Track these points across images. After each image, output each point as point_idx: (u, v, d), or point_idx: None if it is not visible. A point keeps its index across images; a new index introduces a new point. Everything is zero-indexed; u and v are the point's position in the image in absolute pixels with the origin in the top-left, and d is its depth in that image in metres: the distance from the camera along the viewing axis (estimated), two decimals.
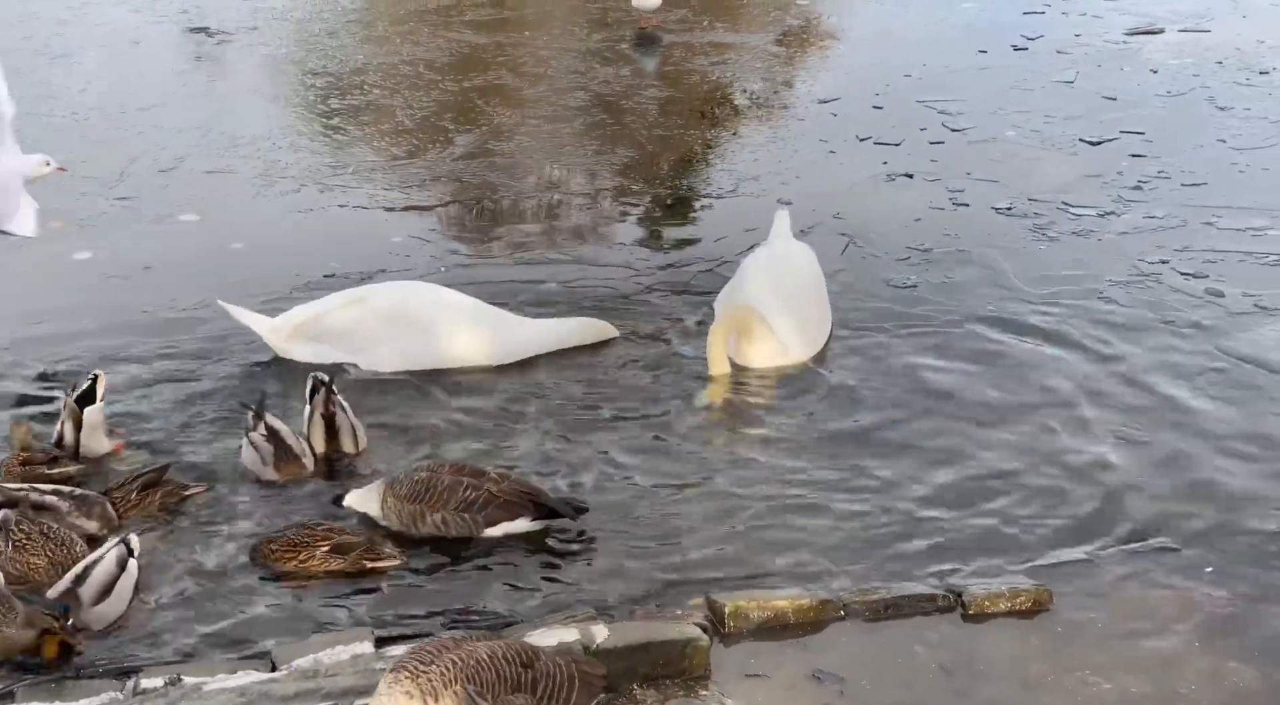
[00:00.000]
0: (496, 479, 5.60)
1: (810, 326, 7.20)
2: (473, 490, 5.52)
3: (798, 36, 13.76)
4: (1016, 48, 13.16)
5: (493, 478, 5.60)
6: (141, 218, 8.75)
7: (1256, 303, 7.78)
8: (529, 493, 5.60)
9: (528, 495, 5.58)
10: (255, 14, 13.68)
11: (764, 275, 7.25)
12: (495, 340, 6.99)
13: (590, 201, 9.43)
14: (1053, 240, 8.69)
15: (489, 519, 5.52)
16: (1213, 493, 5.99)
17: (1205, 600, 5.25)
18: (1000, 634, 5.06)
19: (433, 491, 5.53)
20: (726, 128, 10.92)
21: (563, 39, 13.27)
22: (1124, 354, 7.19)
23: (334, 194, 9.25)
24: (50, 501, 5.51)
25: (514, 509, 5.54)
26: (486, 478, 5.60)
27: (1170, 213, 9.12)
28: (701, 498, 5.94)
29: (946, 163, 10.02)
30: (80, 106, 10.79)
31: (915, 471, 6.13)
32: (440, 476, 5.57)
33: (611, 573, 5.41)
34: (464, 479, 5.56)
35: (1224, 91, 11.77)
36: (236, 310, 6.95)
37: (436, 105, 11.13)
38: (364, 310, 6.95)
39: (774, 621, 5.04)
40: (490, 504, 5.51)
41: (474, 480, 5.57)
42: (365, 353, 6.93)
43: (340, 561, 5.30)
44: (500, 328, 7.04)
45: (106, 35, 12.86)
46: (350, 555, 5.31)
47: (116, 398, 6.46)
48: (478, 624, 5.00)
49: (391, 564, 5.37)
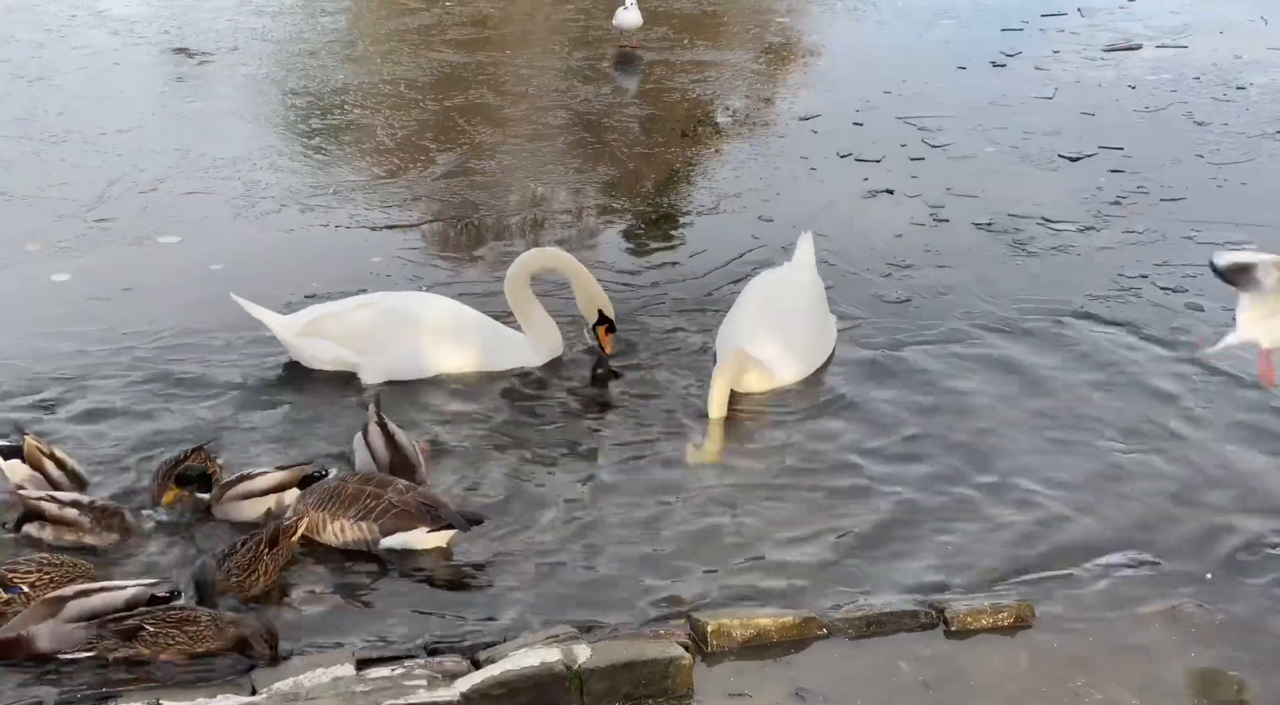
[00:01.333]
0: (401, 490, 5.59)
1: (800, 350, 7.17)
2: (373, 499, 5.53)
3: (778, 54, 13.81)
4: (995, 64, 13.24)
5: (398, 488, 5.60)
6: (121, 240, 8.71)
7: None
8: (427, 504, 5.59)
9: (426, 507, 5.57)
10: (236, 34, 13.68)
11: (754, 308, 7.28)
12: (498, 352, 7.16)
13: (573, 220, 9.43)
14: (1033, 256, 8.72)
15: (385, 528, 5.51)
16: (1194, 506, 6.00)
17: (1189, 614, 5.26)
18: (984, 650, 5.05)
19: (336, 500, 5.54)
20: (708, 145, 10.95)
21: (544, 57, 13.30)
22: (1104, 368, 7.22)
23: (315, 214, 9.23)
24: (70, 515, 5.49)
25: (410, 519, 5.52)
26: (391, 488, 5.59)
27: (1150, 227, 9.16)
28: (685, 517, 5.92)
29: (927, 179, 10.06)
30: (59, 129, 10.75)
31: (897, 488, 6.13)
32: (347, 485, 5.61)
33: (594, 591, 5.39)
34: (367, 488, 5.57)
35: (1202, 107, 11.84)
36: (251, 306, 7.06)
37: (417, 124, 11.13)
38: (373, 313, 7.07)
39: (757, 640, 5.03)
40: (386, 513, 5.51)
41: (377, 490, 5.57)
42: (370, 356, 7.02)
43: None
44: (502, 341, 7.20)
45: (85, 57, 12.83)
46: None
47: (92, 421, 6.45)
48: (459, 645, 4.98)
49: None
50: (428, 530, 5.54)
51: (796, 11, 15.60)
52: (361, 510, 5.52)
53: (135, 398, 6.75)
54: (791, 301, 7.34)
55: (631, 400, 6.96)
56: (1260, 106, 11.85)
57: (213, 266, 8.28)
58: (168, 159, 10.14)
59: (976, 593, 5.33)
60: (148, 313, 7.61)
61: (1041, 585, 5.40)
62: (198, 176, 9.84)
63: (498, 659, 4.82)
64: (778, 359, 7.03)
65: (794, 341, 7.15)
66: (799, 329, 7.24)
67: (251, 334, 7.31)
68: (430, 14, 14.89)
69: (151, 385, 6.86)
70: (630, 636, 5.01)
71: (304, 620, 5.19)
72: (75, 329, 7.38)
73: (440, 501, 5.67)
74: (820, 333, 7.40)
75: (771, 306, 7.26)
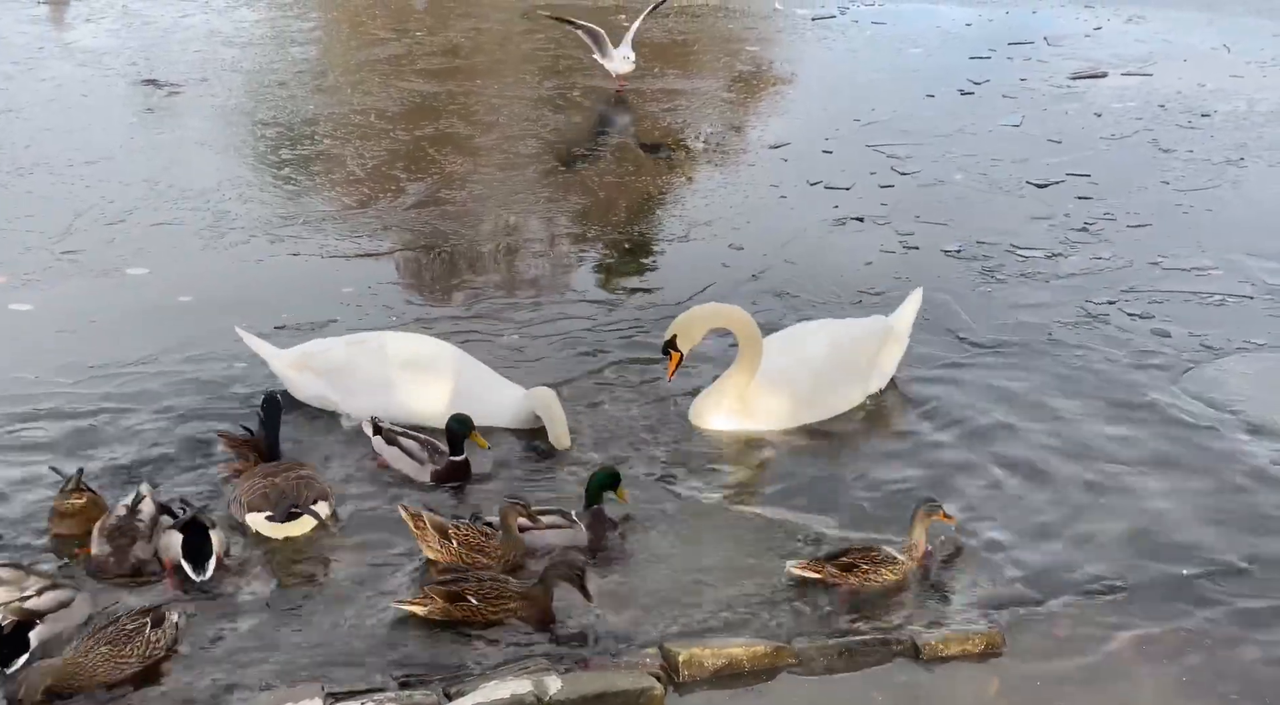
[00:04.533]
0: (278, 481, 5.88)
1: (794, 402, 6.93)
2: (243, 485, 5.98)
3: (748, 83, 13.89)
4: (964, 92, 13.35)
5: (274, 479, 5.90)
6: (88, 271, 8.65)
7: (1203, 342, 7.86)
8: (273, 495, 5.85)
9: (268, 497, 5.85)
10: (205, 66, 13.67)
11: (777, 343, 7.08)
12: (474, 408, 6.65)
13: (544, 249, 9.42)
14: (1001, 282, 8.76)
15: (245, 507, 5.88)
16: (1162, 535, 5.99)
17: (1156, 642, 5.25)
18: (955, 677, 5.04)
19: (237, 486, 6.02)
20: (678, 173, 10.98)
21: (514, 87, 13.33)
22: (1072, 396, 7.22)
23: (284, 244, 9.19)
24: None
25: (257, 506, 5.84)
26: (280, 474, 5.94)
27: (1116, 254, 9.23)
28: (658, 548, 5.87)
29: (896, 206, 10.11)
30: (26, 161, 10.71)
31: (864, 522, 6.08)
32: (253, 473, 6.05)
33: (564, 621, 5.35)
34: (256, 478, 5.94)
35: (1167, 134, 11.97)
36: (250, 338, 7.08)
37: (388, 154, 11.12)
38: (360, 352, 6.95)
39: (728, 669, 5.00)
40: (244, 496, 5.91)
41: (263, 480, 5.92)
42: (349, 396, 6.89)
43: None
44: (483, 398, 6.81)
45: (53, 89, 12.80)
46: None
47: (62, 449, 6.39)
48: (429, 677, 4.93)
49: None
50: (266, 519, 5.81)
51: (766, 40, 15.72)
52: (233, 498, 5.98)
53: (80, 429, 6.64)
54: (816, 353, 7.07)
55: (614, 432, 6.82)
56: (1224, 134, 11.99)
57: (181, 298, 8.22)
58: (136, 190, 10.10)
59: (946, 623, 5.31)
60: (114, 344, 7.53)
61: (1011, 613, 5.39)
62: (166, 207, 9.80)
63: (469, 692, 4.78)
64: (762, 405, 6.84)
65: (795, 393, 6.91)
66: (802, 380, 6.98)
67: (220, 368, 7.28)
68: (400, 44, 14.93)
69: (105, 416, 6.77)
70: (601, 667, 4.98)
71: (272, 655, 5.12)
72: (37, 361, 7.31)
73: (288, 495, 5.84)
74: (830, 390, 7.05)
75: (792, 352, 7.04)
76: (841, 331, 7.26)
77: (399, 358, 6.94)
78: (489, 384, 6.93)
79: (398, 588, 5.53)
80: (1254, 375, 7.45)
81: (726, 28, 16.20)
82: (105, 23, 15.65)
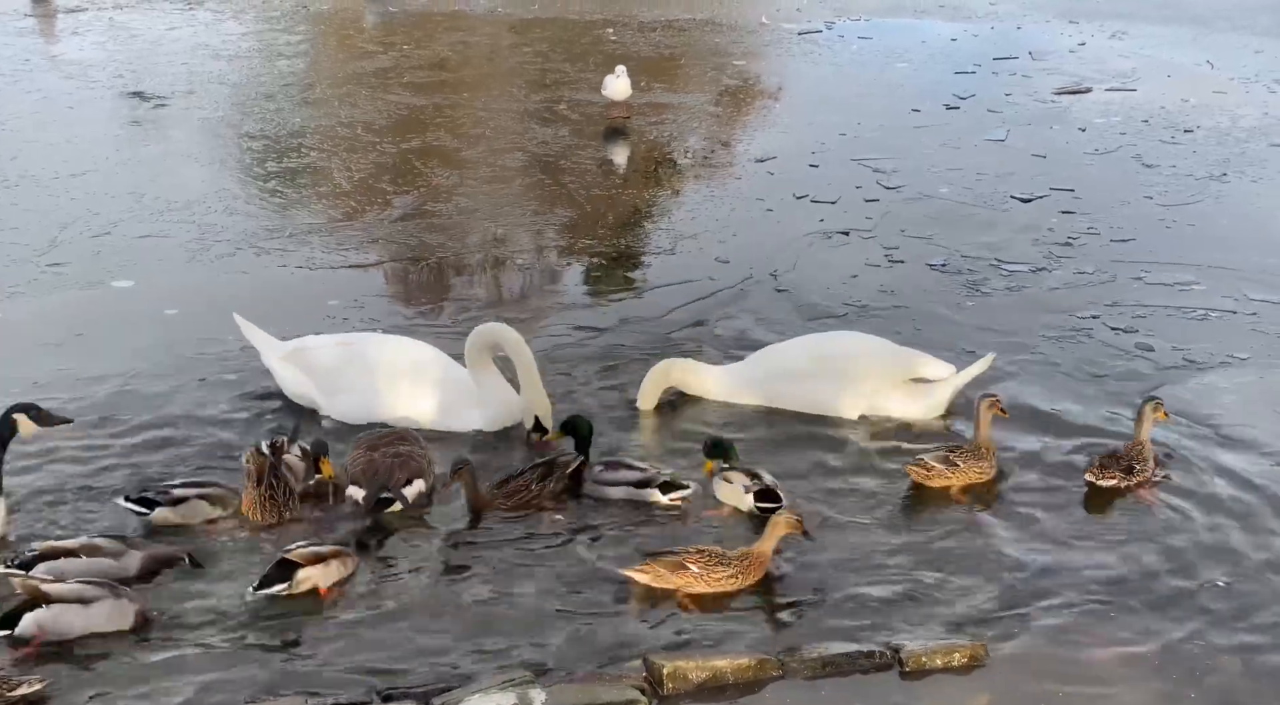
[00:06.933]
0: (376, 457, 6.19)
1: (768, 378, 7.24)
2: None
3: (734, 97, 13.94)
4: (949, 107, 13.41)
5: (373, 454, 6.21)
6: (73, 284, 8.64)
7: (1185, 356, 7.90)
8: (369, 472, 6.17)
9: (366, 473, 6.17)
10: (191, 78, 13.68)
11: (812, 345, 7.39)
12: (451, 411, 6.88)
13: (530, 261, 9.43)
14: (986, 296, 8.79)
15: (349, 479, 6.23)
16: (1144, 548, 6.01)
17: (1138, 654, 5.27)
18: (938, 689, 5.05)
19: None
20: (665, 187, 11.01)
21: (501, 100, 13.36)
22: (1057, 410, 7.24)
23: (271, 257, 9.20)
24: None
25: (357, 480, 6.17)
26: (381, 448, 6.23)
27: (1100, 268, 9.27)
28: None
29: (881, 220, 10.15)
30: (11, 173, 10.70)
31: (848, 536, 6.09)
32: (360, 441, 6.42)
33: (549, 633, 5.35)
34: (361, 449, 6.27)
35: (1150, 149, 12.04)
36: (248, 327, 7.16)
37: (374, 167, 11.14)
38: (344, 352, 7.01)
39: (713, 682, 5.01)
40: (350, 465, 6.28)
41: (365, 453, 6.24)
42: (329, 395, 6.97)
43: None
44: (461, 401, 6.91)
45: (39, 101, 12.79)
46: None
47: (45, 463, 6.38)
48: (412, 689, 4.93)
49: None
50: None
51: (753, 55, 15.77)
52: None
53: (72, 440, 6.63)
54: (812, 343, 7.39)
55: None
56: (1207, 149, 12.06)
57: (167, 310, 8.22)
58: (122, 202, 10.10)
59: (930, 634, 5.32)
60: (99, 356, 7.52)
61: (994, 625, 5.40)
62: (152, 220, 9.79)
63: (453, 704, 4.77)
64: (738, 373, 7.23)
65: (783, 369, 7.19)
66: (802, 391, 7.17)
67: (211, 374, 7.29)
68: (388, 57, 14.96)
69: (91, 428, 6.75)
70: (586, 680, 4.98)
71: (252, 669, 5.11)
72: (22, 374, 7.29)
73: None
74: (800, 381, 7.16)
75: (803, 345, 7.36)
76: (846, 342, 7.46)
77: (385, 361, 6.99)
78: (465, 390, 6.95)
79: (386, 600, 5.51)
80: (1234, 389, 7.49)
81: (713, 42, 16.25)
82: (92, 35, 15.66)
